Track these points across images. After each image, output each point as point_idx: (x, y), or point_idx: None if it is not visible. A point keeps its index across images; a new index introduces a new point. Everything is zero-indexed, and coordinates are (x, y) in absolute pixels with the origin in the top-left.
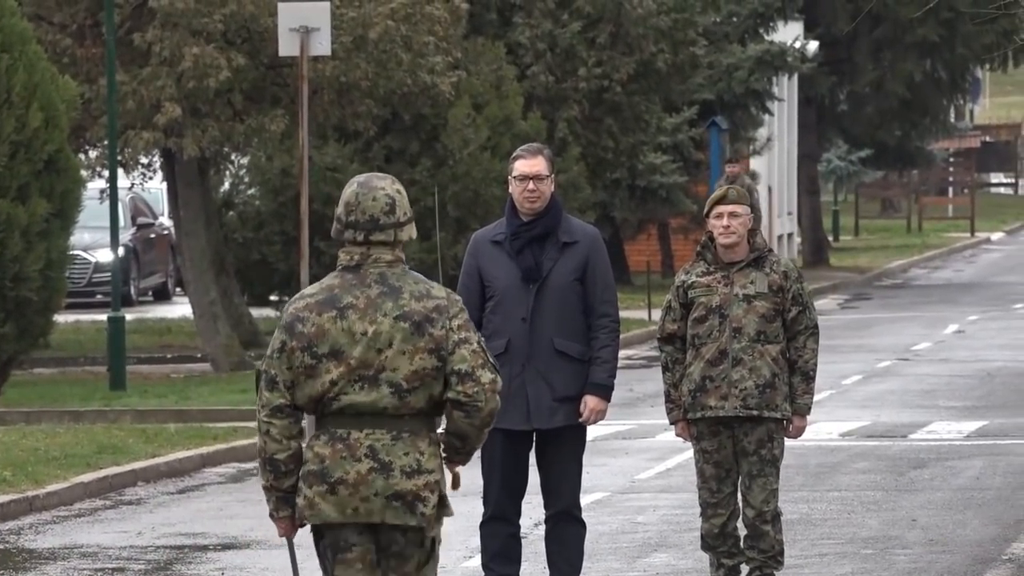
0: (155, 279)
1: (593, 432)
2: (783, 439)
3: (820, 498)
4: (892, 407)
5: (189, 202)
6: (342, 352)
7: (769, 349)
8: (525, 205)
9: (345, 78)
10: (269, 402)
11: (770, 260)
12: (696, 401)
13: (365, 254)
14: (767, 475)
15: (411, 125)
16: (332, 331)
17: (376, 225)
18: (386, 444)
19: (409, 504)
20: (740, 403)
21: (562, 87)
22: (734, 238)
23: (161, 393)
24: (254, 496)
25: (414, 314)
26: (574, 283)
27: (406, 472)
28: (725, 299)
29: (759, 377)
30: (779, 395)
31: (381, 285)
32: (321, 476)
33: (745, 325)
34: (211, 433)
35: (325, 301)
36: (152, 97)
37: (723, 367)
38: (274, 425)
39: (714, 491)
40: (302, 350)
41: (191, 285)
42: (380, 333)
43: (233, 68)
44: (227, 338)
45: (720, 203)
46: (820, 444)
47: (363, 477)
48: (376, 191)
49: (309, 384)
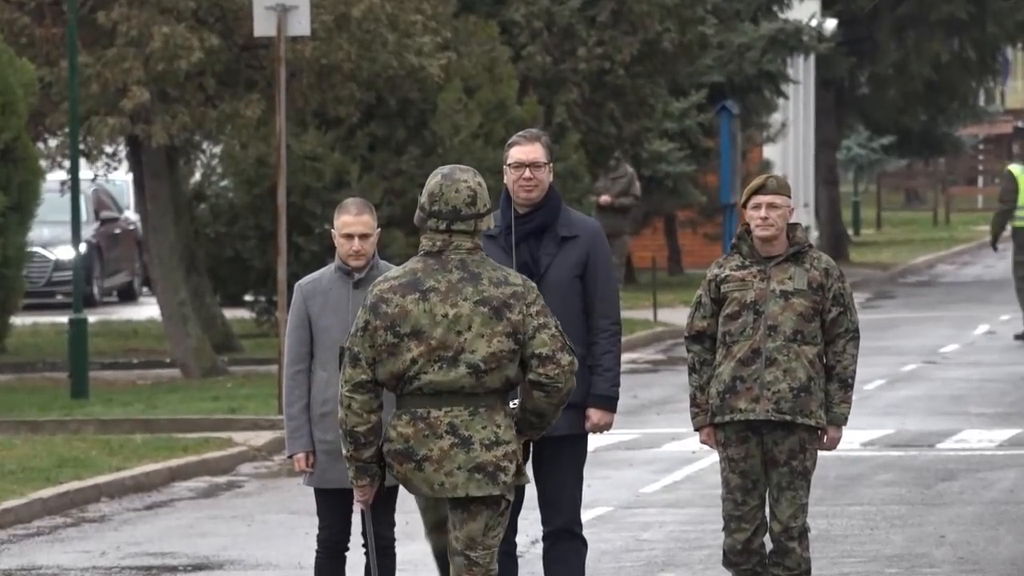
0: (120, 278)
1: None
2: (816, 450)
3: (841, 513)
4: (918, 414)
5: (157, 194)
6: (423, 332)
7: (806, 350)
8: (521, 195)
9: (326, 60)
10: (351, 378)
11: (811, 256)
12: (725, 403)
13: (447, 241)
14: (797, 488)
15: (397, 111)
16: (414, 312)
17: (458, 215)
18: (464, 420)
19: (491, 475)
20: (772, 406)
21: (560, 69)
22: (772, 231)
23: (126, 401)
24: (227, 512)
25: (493, 299)
26: (574, 280)
27: (485, 445)
28: (760, 295)
29: (794, 379)
30: (814, 401)
31: (462, 271)
32: (407, 455)
33: (781, 323)
34: (181, 444)
35: (408, 283)
36: (117, 80)
37: (755, 367)
38: (355, 400)
39: (739, 503)
40: (385, 329)
41: (159, 284)
42: (460, 316)
43: (205, 49)
44: (198, 341)
45: (758, 192)
46: (840, 455)
47: (446, 452)
48: (459, 183)
49: (391, 362)
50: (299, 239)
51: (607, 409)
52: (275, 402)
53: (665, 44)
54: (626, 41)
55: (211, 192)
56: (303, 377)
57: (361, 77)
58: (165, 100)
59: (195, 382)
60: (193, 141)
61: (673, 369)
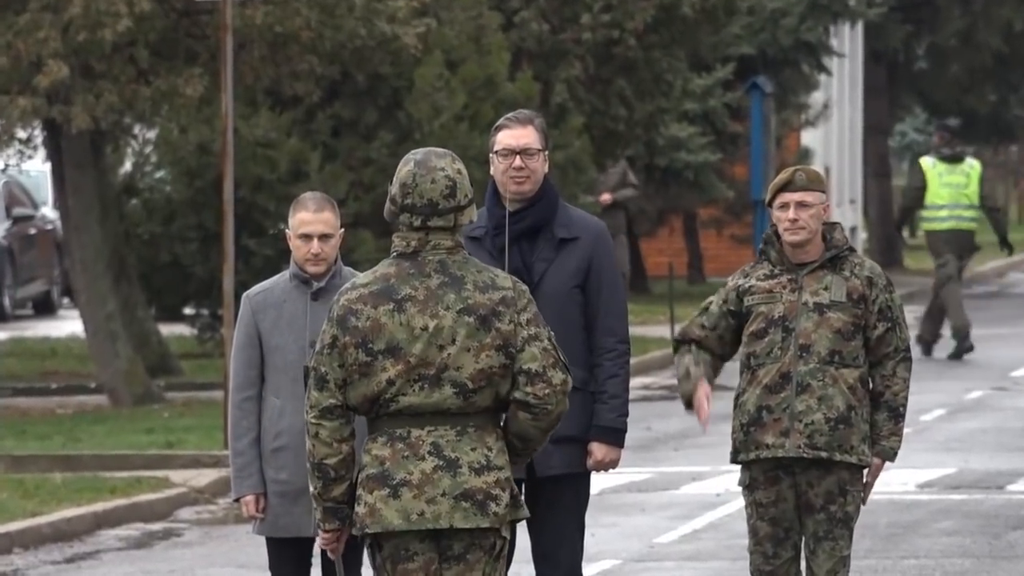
0: (36, 287)
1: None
2: (859, 493)
3: (893, 567)
4: (985, 450)
5: (80, 188)
6: (400, 348)
7: (845, 374)
8: (511, 188)
9: (280, 28)
10: (318, 402)
11: (851, 261)
12: (749, 438)
13: (423, 240)
14: (836, 538)
15: (366, 89)
16: (389, 325)
17: (435, 209)
18: (451, 440)
19: (480, 504)
20: (805, 441)
21: (560, 39)
22: (803, 234)
23: (44, 434)
24: (163, 566)
25: (479, 307)
26: (574, 291)
27: (475, 468)
28: (791, 308)
29: (830, 409)
30: (855, 434)
31: (442, 274)
32: (382, 479)
33: (815, 342)
34: (108, 485)
35: (380, 292)
36: (31, 53)
37: (785, 395)
38: (323, 427)
39: (769, 556)
40: (356, 346)
41: (83, 295)
42: (442, 328)
43: (135, 15)
44: (128, 362)
45: (784, 189)
46: (893, 498)
47: (428, 476)
48: (435, 172)
49: (363, 383)
50: (249, 241)
51: (613, 443)
52: (219, 435)
53: (685, 9)
54: (638, 6)
55: (144, 185)
56: (252, 405)
57: (323, 48)
58: (88, 76)
59: (125, 411)
60: (122, 124)
61: None
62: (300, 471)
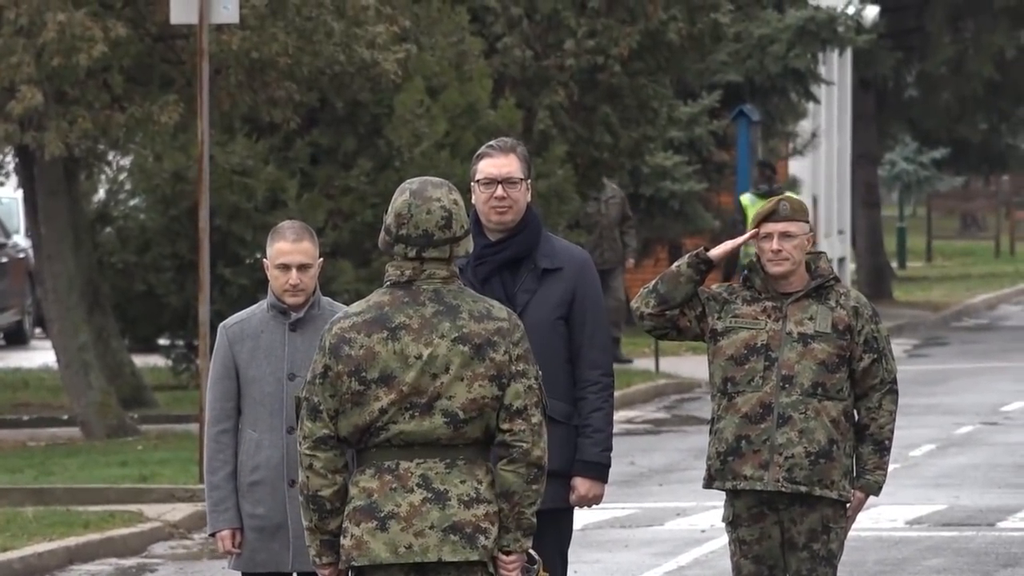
0: (7, 317)
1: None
2: (843, 529)
3: None
4: (975, 486)
5: (53, 216)
6: (393, 377)
7: (828, 407)
8: (492, 218)
9: (258, 53)
10: (311, 433)
11: (836, 291)
12: (727, 467)
13: (418, 269)
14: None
15: (345, 116)
16: (383, 354)
17: (430, 241)
18: (440, 472)
19: (469, 537)
20: (784, 474)
21: (543, 65)
22: (787, 265)
23: (15, 467)
24: None
25: (474, 336)
26: (557, 323)
27: (464, 501)
28: (774, 337)
29: (811, 443)
30: (836, 469)
31: (436, 303)
32: (370, 511)
33: (798, 373)
34: (81, 519)
35: (374, 320)
36: (4, 79)
37: (765, 426)
38: (317, 458)
39: None
40: (349, 375)
41: (55, 325)
42: (436, 357)
43: (111, 40)
44: (102, 394)
45: (768, 220)
46: (881, 535)
47: (416, 509)
48: (431, 203)
49: (356, 413)
50: (225, 271)
51: (597, 478)
52: (195, 468)
53: (671, 35)
54: (623, 32)
55: (118, 213)
56: (229, 438)
57: (301, 74)
58: (62, 102)
59: (98, 444)
60: (96, 151)
61: (679, 430)
62: (278, 505)
